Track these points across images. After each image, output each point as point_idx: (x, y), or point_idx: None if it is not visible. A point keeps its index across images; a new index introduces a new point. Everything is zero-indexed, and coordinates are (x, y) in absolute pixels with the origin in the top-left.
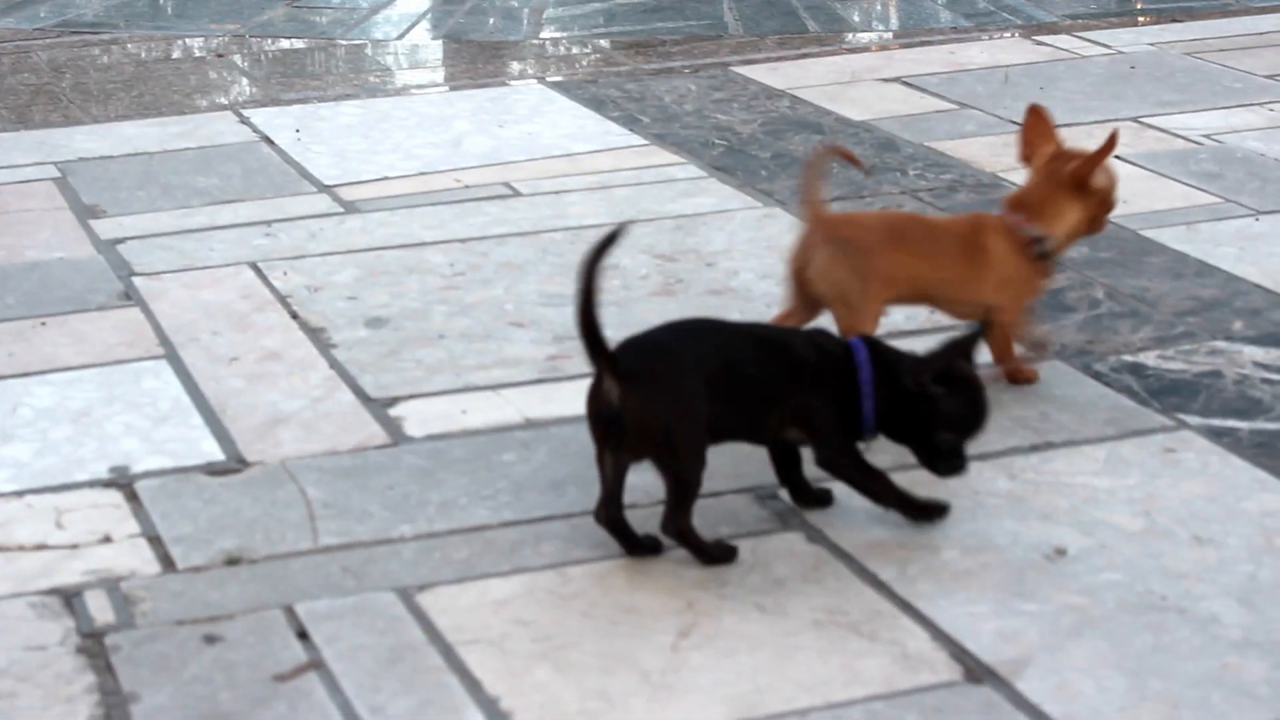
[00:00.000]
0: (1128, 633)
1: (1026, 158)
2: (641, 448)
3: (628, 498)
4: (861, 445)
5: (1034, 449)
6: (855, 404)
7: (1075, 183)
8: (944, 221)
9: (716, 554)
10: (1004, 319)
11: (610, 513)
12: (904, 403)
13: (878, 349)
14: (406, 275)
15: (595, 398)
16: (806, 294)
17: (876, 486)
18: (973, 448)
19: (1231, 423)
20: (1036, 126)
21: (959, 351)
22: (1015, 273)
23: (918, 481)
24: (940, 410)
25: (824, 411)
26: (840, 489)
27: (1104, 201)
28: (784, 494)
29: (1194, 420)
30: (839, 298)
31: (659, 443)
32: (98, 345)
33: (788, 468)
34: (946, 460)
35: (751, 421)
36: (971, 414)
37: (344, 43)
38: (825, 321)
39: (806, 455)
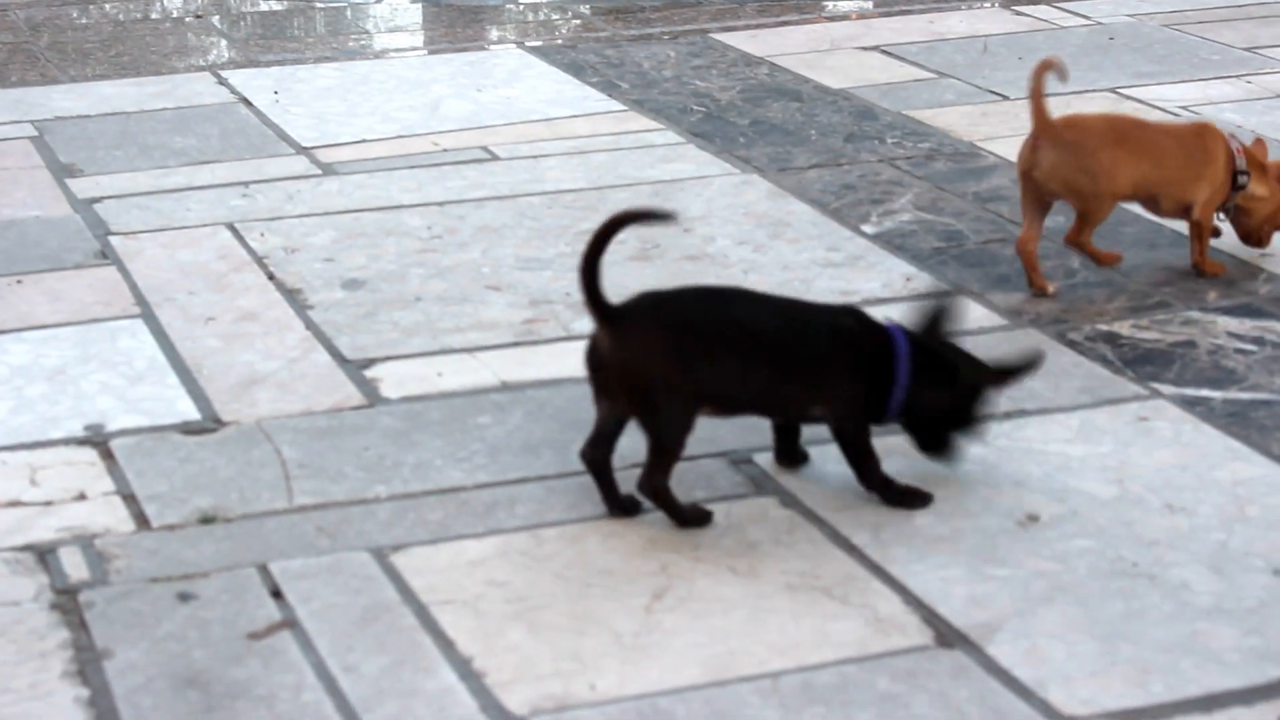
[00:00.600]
0: (1099, 599)
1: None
2: (625, 402)
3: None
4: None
5: (1008, 416)
6: (886, 391)
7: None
8: (1169, 126)
9: (692, 517)
10: (1203, 217)
11: (594, 453)
12: (937, 398)
13: (915, 340)
14: (384, 238)
15: (593, 344)
16: (1037, 193)
17: (871, 468)
18: None
19: (1205, 392)
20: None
21: (928, 323)
22: (1223, 182)
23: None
24: (976, 410)
25: (855, 395)
26: (818, 455)
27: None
28: (761, 459)
29: (1167, 389)
30: (1073, 192)
31: (640, 399)
32: (74, 304)
33: (789, 439)
34: (951, 444)
35: (769, 395)
36: (981, 399)
37: (323, 5)
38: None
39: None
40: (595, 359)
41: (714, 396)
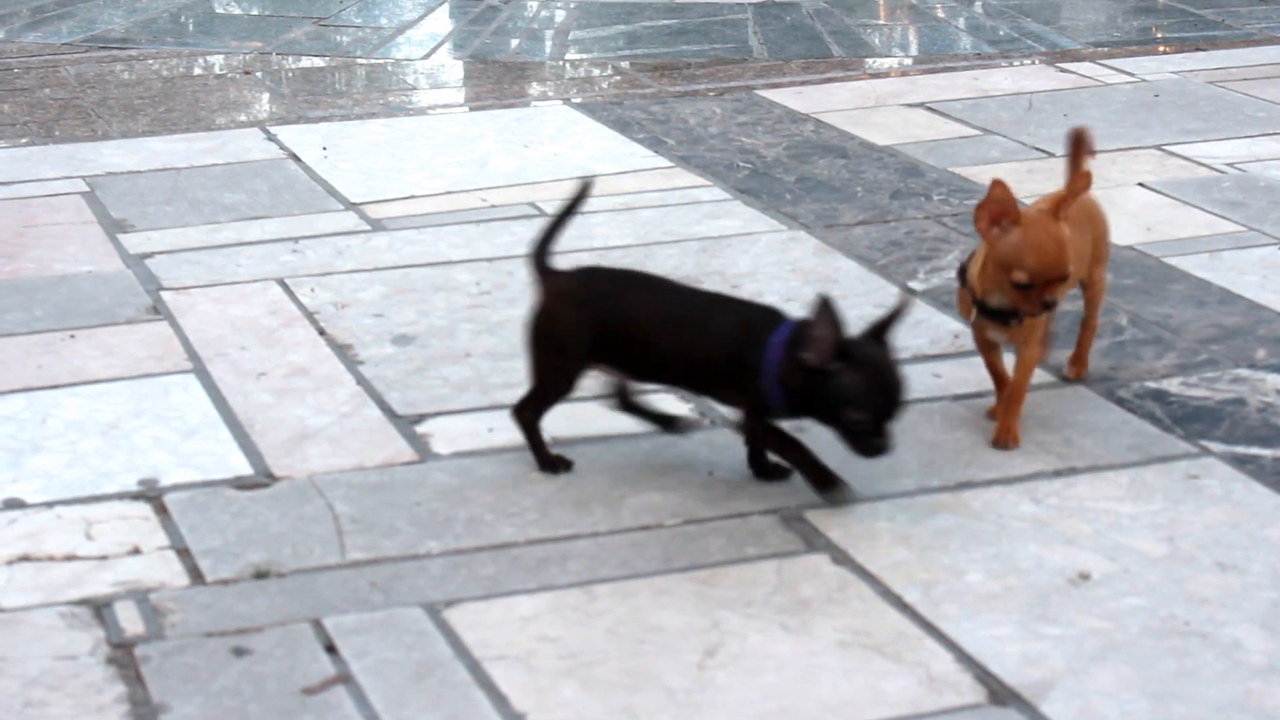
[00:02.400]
0: (1151, 657)
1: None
2: (527, 343)
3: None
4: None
5: (1058, 474)
6: (756, 379)
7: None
8: None
9: (549, 461)
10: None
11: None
12: (810, 381)
13: (802, 330)
14: (433, 293)
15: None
16: None
17: (790, 452)
18: (998, 472)
19: (1255, 450)
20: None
21: (872, 329)
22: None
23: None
24: (842, 387)
25: (729, 386)
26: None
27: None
28: (812, 515)
29: (1217, 447)
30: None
31: (528, 341)
32: (126, 358)
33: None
34: (865, 439)
35: (662, 375)
36: (875, 389)
37: (366, 61)
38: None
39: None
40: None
41: (605, 361)
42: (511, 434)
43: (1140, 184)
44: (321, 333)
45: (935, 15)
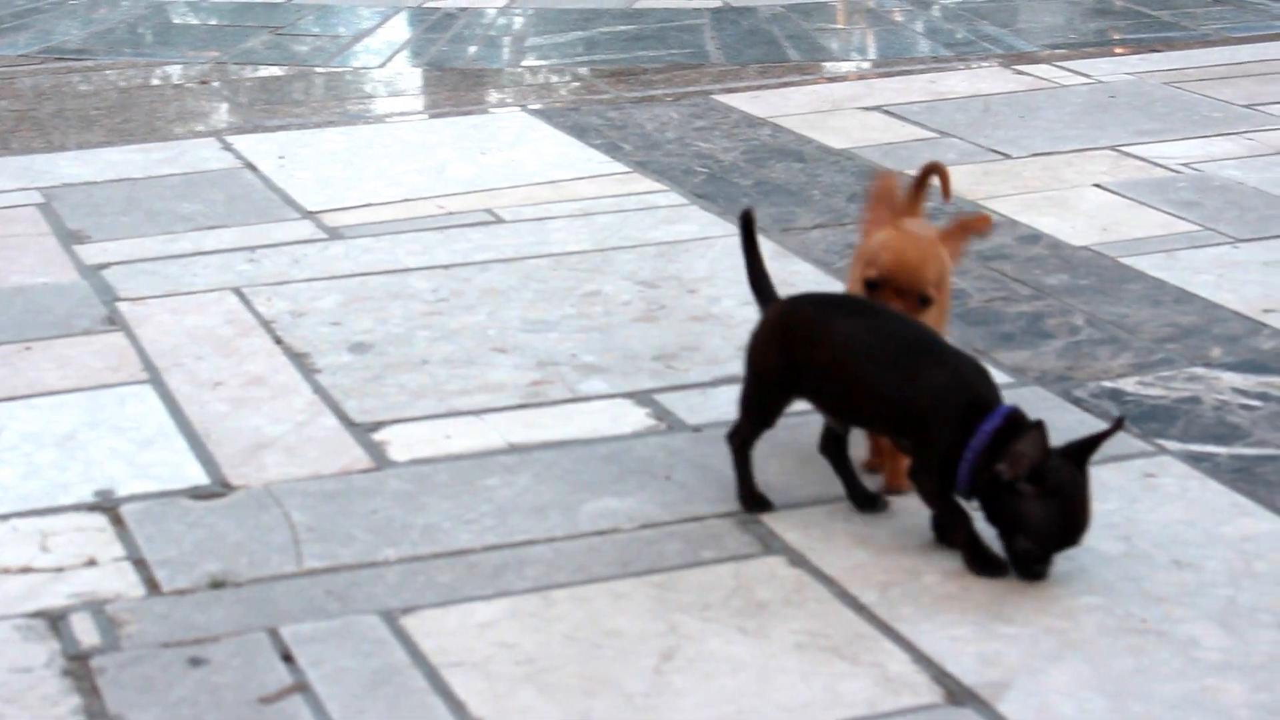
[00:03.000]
0: (1108, 655)
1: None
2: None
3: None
4: None
5: None
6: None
7: None
8: None
9: (751, 497)
10: None
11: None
12: (997, 489)
13: (1018, 425)
14: (390, 301)
15: None
16: None
17: (958, 526)
18: None
19: (1210, 448)
20: (880, 196)
21: (1076, 447)
22: None
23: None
24: (1022, 511)
25: (926, 446)
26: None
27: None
28: (769, 519)
29: (1173, 445)
30: None
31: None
32: (82, 369)
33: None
34: (1025, 563)
35: (851, 411)
36: (1057, 526)
37: (324, 70)
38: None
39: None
40: None
41: (805, 392)
42: (469, 441)
43: (1096, 184)
44: (278, 342)
45: (892, 19)
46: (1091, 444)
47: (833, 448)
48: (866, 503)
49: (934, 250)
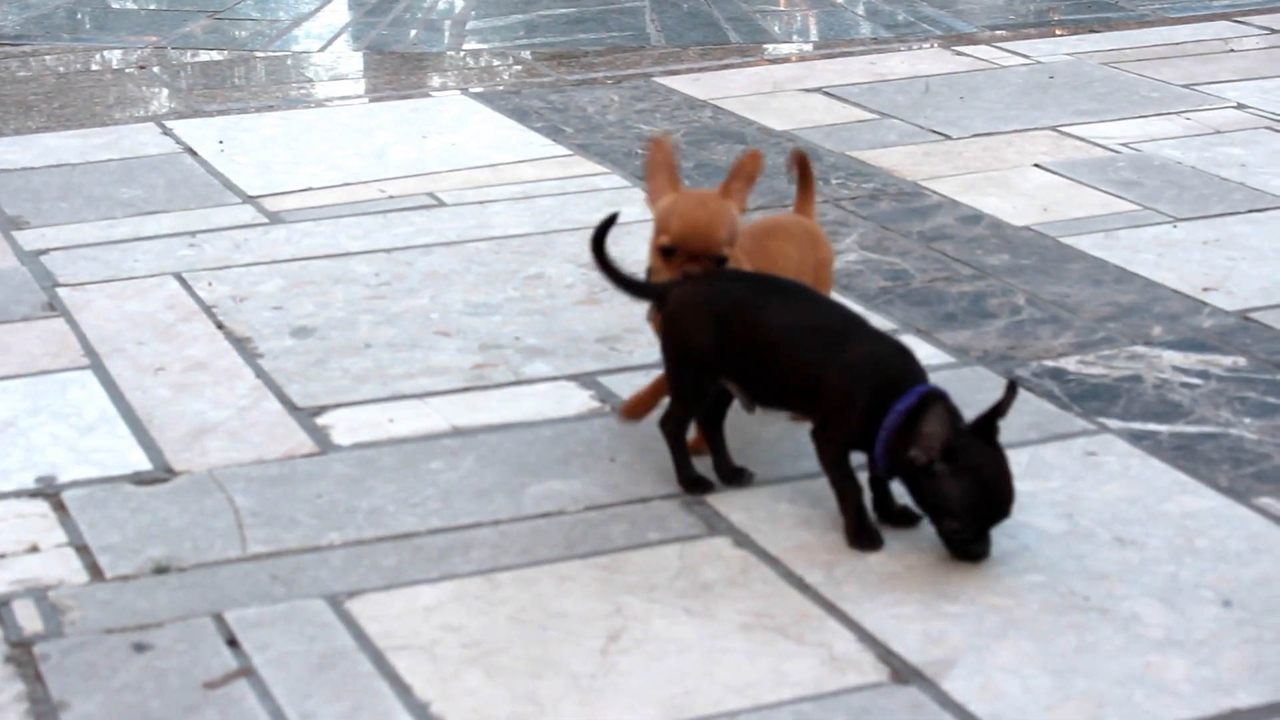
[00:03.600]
0: (1051, 633)
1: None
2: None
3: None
4: None
5: None
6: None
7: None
8: None
9: (690, 480)
10: None
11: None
12: (914, 472)
13: (912, 422)
14: (332, 285)
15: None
16: None
17: (845, 492)
18: None
19: (1151, 426)
20: (658, 162)
21: (983, 420)
22: None
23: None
24: (942, 492)
25: (838, 418)
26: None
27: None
28: (713, 500)
29: (1114, 424)
30: None
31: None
32: (22, 355)
33: (881, 495)
34: (959, 545)
35: (769, 389)
36: (979, 502)
37: (266, 55)
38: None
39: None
40: None
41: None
42: (412, 424)
43: (1036, 165)
44: (220, 326)
45: (833, 1)
46: (995, 414)
47: (708, 424)
48: (734, 476)
49: (722, 209)
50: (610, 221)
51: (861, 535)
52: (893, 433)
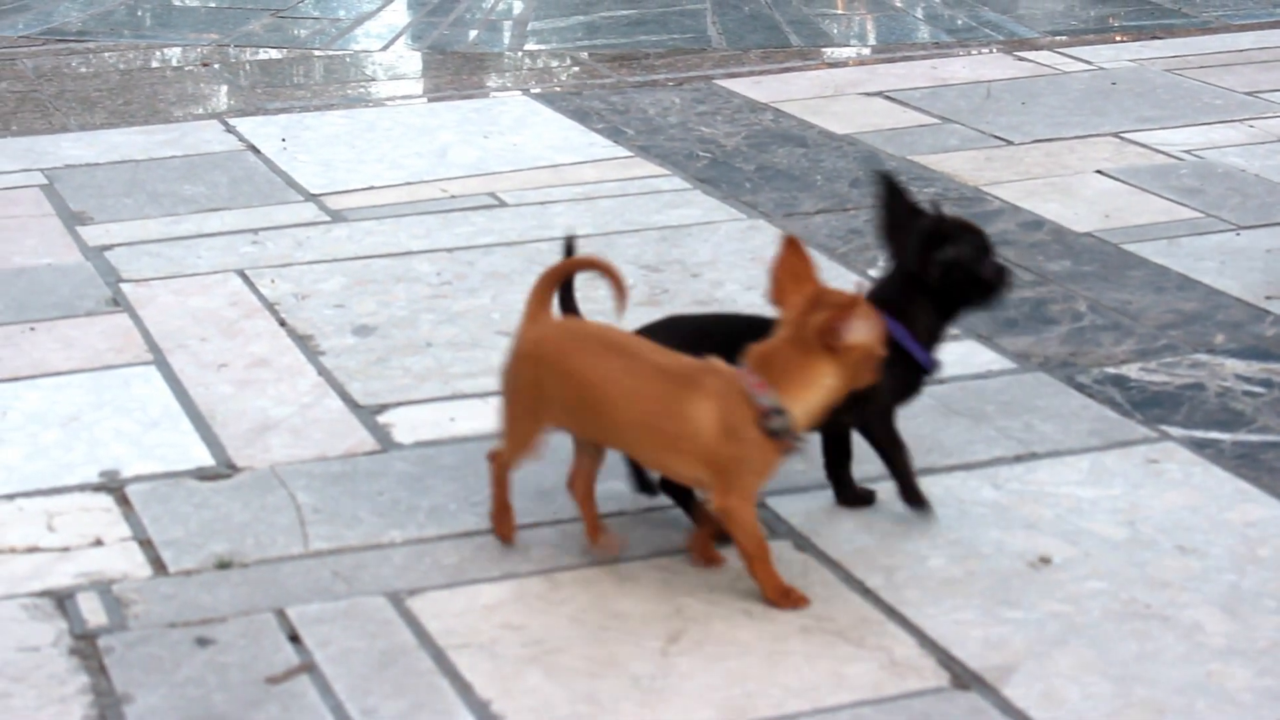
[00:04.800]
0: (1112, 640)
1: (779, 300)
2: None
3: None
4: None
5: (1018, 459)
6: None
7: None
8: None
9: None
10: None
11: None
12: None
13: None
14: (394, 284)
15: None
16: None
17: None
18: (959, 458)
19: (1214, 434)
20: (791, 263)
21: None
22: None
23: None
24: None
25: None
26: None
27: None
28: (774, 503)
29: (1176, 431)
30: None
31: None
32: (87, 351)
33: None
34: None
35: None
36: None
37: (327, 53)
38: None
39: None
40: None
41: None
42: (473, 423)
43: (1098, 171)
44: (282, 324)
45: (893, 4)
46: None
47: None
48: (861, 499)
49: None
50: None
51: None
52: None
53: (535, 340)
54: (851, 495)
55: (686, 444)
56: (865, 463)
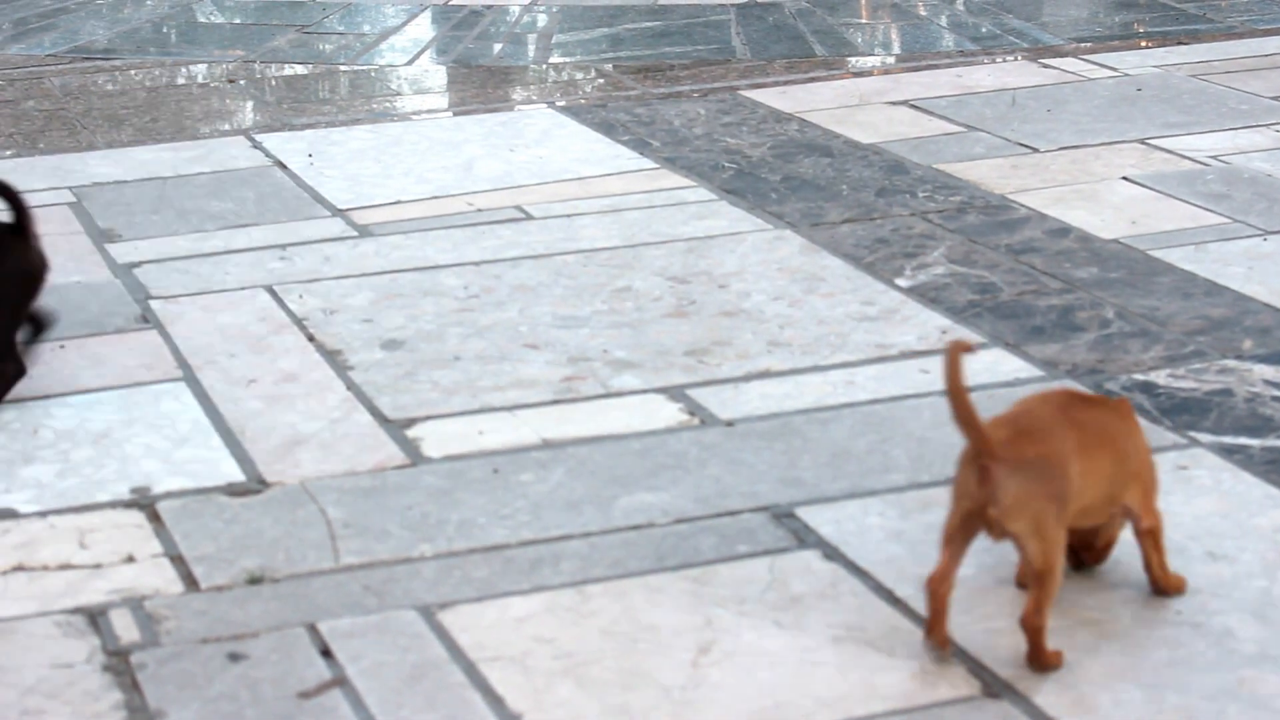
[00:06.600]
0: (1143, 647)
1: None
2: None
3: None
4: None
5: None
6: None
7: None
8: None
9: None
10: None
11: None
12: None
13: None
14: (421, 298)
15: None
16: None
17: None
18: None
19: (1243, 440)
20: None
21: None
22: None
23: None
24: None
25: None
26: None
27: None
28: (803, 512)
29: (1205, 438)
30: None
31: None
32: (116, 368)
33: None
34: None
35: None
36: None
37: (353, 68)
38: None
39: None
40: None
41: None
42: (502, 436)
43: (1124, 177)
44: (310, 339)
45: (917, 13)
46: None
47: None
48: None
49: None
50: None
51: None
52: None
53: None
54: None
55: None
56: (892, 472)
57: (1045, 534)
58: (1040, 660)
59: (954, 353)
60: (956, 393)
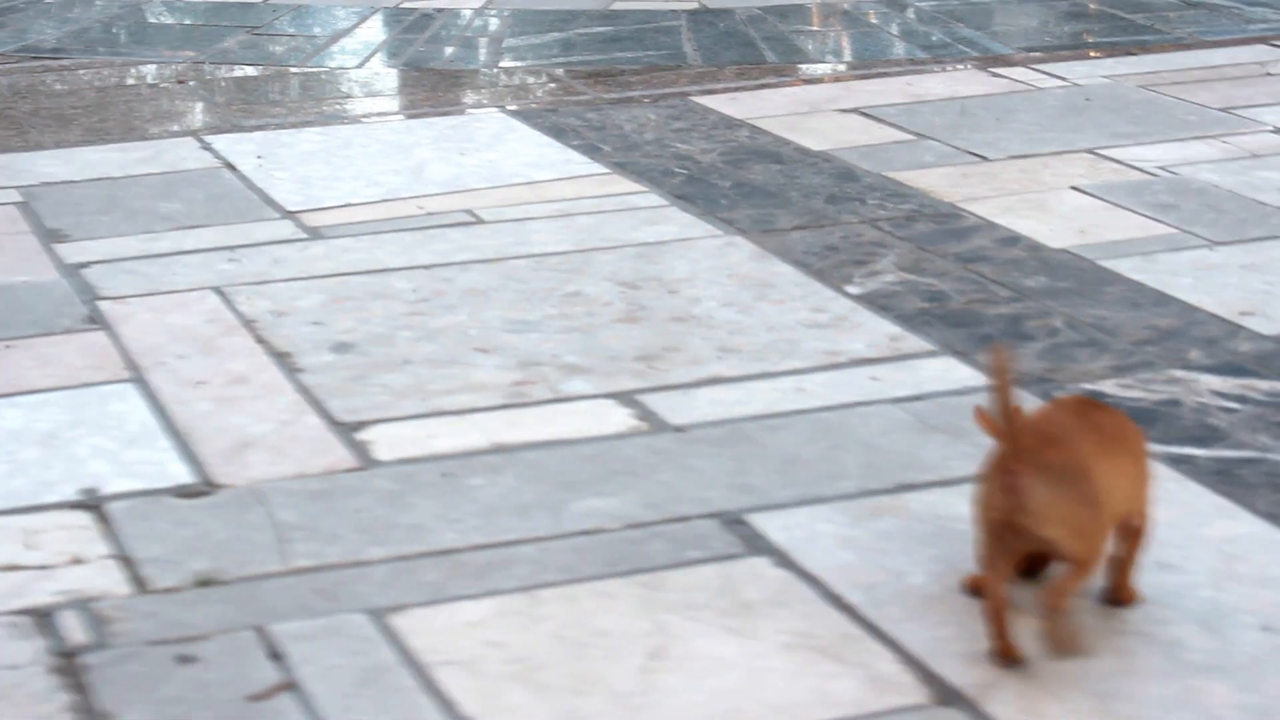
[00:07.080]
0: (1093, 656)
1: None
2: None
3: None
4: None
5: None
6: None
7: None
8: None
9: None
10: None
11: None
12: None
13: None
14: (371, 301)
15: None
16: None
17: None
18: (938, 474)
19: (1190, 450)
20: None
21: None
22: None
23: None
24: None
25: None
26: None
27: None
28: (754, 519)
29: (1153, 448)
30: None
31: None
32: (64, 368)
33: None
34: None
35: None
36: None
37: (304, 70)
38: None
39: None
40: None
41: None
42: (453, 440)
43: (1073, 187)
44: (260, 341)
45: (868, 21)
46: None
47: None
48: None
49: None
50: None
51: None
52: None
53: None
54: None
55: None
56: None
57: (1083, 531)
58: (1059, 640)
59: (1001, 357)
60: (1004, 398)
